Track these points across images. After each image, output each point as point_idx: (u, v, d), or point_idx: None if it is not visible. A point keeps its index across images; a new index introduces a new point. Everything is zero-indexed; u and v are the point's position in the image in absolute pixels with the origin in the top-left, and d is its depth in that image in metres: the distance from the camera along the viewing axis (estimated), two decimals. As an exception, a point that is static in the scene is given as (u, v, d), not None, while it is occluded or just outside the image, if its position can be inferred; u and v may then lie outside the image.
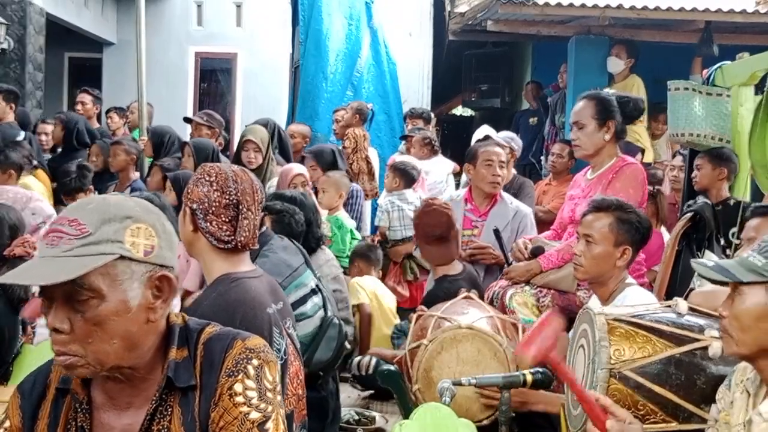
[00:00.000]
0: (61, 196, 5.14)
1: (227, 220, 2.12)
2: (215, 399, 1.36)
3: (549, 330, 1.97)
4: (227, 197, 2.12)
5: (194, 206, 2.12)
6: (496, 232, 3.73)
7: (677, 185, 5.25)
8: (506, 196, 4.18)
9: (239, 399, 1.35)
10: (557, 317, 2.08)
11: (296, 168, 4.93)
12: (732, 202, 4.27)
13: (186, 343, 1.40)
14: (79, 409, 1.37)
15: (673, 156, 5.94)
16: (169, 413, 1.35)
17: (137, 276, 1.31)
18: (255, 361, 1.38)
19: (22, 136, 5.87)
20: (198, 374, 1.37)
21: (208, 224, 2.10)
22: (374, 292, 4.41)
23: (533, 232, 4.02)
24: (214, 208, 2.11)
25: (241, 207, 2.13)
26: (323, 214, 4.83)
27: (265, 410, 1.35)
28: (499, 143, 4.47)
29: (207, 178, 2.14)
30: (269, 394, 1.37)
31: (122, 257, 1.29)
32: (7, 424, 1.41)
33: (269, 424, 1.35)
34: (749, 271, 1.69)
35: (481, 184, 4.02)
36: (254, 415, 1.34)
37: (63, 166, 5.37)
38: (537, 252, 3.47)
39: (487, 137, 5.23)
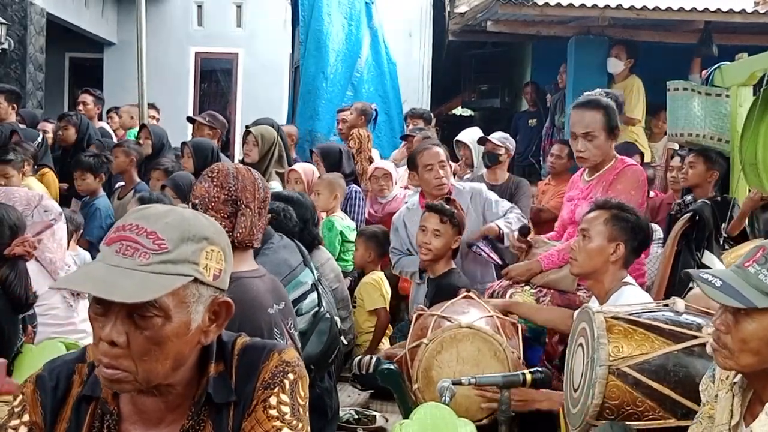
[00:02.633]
0: (74, 170, 5.18)
1: (226, 215, 2.15)
2: (249, 410, 1.35)
3: None
4: (226, 192, 2.17)
5: (196, 201, 2.17)
6: (470, 246, 3.76)
7: (676, 186, 5.26)
8: (456, 183, 4.15)
9: (273, 413, 1.34)
10: None
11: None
12: (719, 198, 4.28)
13: (222, 356, 1.38)
14: (106, 421, 1.34)
15: (671, 157, 5.96)
16: (202, 428, 1.34)
17: (203, 299, 1.29)
18: (291, 376, 1.37)
19: (40, 137, 5.90)
20: (234, 386, 1.36)
21: None
22: (387, 292, 4.44)
23: (503, 203, 4.03)
24: (213, 203, 2.16)
25: (239, 203, 2.16)
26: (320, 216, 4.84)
27: (296, 427, 1.34)
28: (436, 143, 4.42)
29: (209, 174, 2.21)
30: (301, 410, 1.37)
31: (194, 279, 1.26)
32: (26, 417, 1.36)
33: None
34: (763, 294, 1.57)
35: (428, 188, 3.98)
36: (285, 431, 1.33)
37: (77, 156, 5.45)
38: (523, 230, 3.50)
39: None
